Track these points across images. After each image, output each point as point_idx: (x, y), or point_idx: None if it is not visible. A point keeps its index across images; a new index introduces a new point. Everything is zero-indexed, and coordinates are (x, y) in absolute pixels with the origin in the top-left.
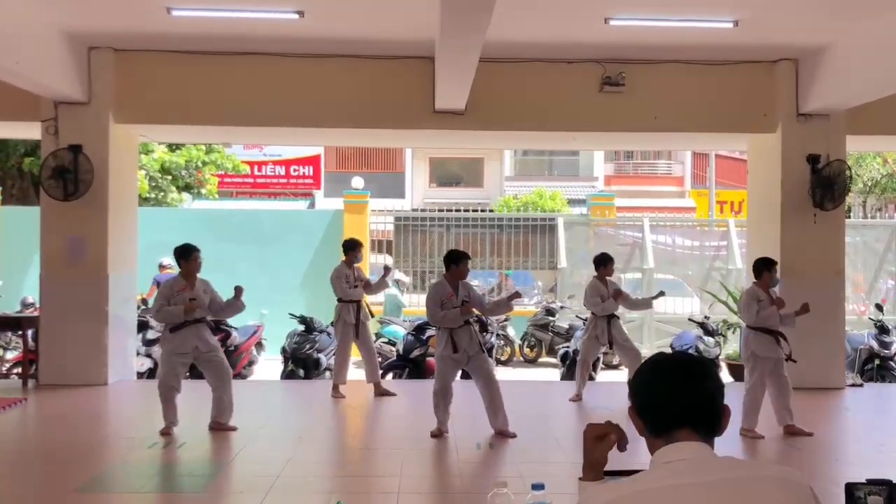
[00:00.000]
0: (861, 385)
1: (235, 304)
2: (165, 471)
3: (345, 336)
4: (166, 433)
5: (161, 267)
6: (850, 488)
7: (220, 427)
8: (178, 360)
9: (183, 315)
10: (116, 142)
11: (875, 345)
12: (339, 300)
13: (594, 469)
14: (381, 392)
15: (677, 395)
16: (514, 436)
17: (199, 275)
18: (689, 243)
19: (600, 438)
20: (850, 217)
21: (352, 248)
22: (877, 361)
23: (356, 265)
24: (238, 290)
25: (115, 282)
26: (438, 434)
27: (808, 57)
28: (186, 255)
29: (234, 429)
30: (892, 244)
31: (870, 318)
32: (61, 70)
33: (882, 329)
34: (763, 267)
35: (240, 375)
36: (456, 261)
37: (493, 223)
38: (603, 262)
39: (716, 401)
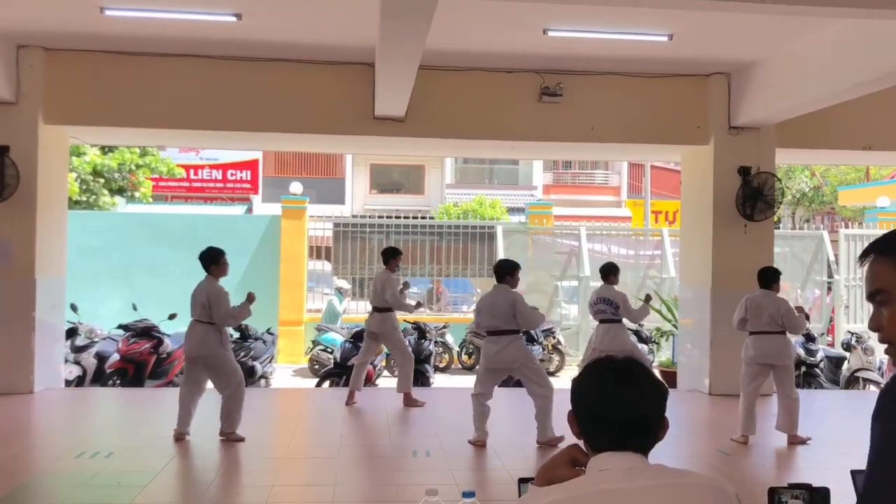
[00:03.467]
0: None
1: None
2: (93, 481)
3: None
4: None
5: None
6: (773, 492)
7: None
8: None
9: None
10: (46, 143)
11: (802, 352)
12: (389, 309)
13: (549, 483)
14: (410, 403)
15: (616, 417)
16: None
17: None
18: (624, 252)
19: (575, 463)
20: (779, 228)
21: (393, 255)
22: (803, 368)
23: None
24: (250, 297)
25: (43, 286)
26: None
27: (739, 72)
28: (217, 259)
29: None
30: (819, 254)
31: None
32: None
33: (808, 337)
34: (775, 277)
35: (172, 383)
36: (512, 271)
37: (432, 230)
38: (612, 272)
39: (656, 419)
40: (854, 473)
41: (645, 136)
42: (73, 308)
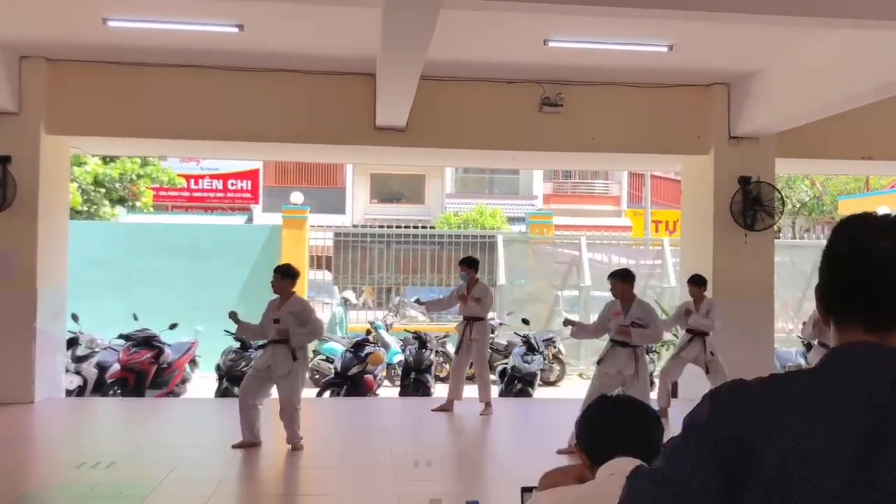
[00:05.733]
0: None
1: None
2: (94, 492)
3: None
4: (241, 447)
5: None
6: None
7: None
8: (255, 377)
9: (264, 332)
10: (48, 153)
11: (803, 362)
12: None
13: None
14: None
15: (622, 436)
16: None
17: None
18: (624, 261)
19: (581, 480)
20: (779, 237)
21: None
22: None
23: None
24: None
25: (44, 297)
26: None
27: (739, 82)
28: (291, 274)
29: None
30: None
31: (798, 336)
32: None
33: (809, 347)
34: None
35: (173, 393)
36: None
37: (433, 240)
38: (698, 283)
39: (656, 440)
40: None
41: (645, 146)
42: (74, 318)
